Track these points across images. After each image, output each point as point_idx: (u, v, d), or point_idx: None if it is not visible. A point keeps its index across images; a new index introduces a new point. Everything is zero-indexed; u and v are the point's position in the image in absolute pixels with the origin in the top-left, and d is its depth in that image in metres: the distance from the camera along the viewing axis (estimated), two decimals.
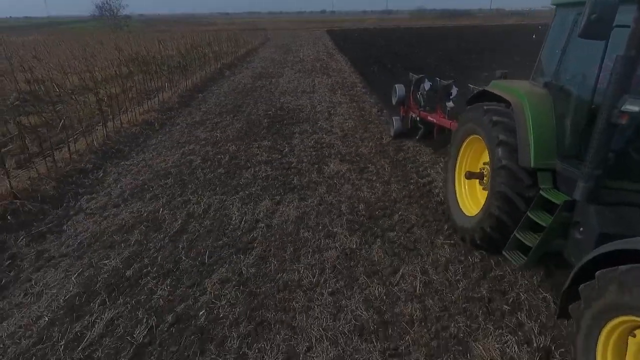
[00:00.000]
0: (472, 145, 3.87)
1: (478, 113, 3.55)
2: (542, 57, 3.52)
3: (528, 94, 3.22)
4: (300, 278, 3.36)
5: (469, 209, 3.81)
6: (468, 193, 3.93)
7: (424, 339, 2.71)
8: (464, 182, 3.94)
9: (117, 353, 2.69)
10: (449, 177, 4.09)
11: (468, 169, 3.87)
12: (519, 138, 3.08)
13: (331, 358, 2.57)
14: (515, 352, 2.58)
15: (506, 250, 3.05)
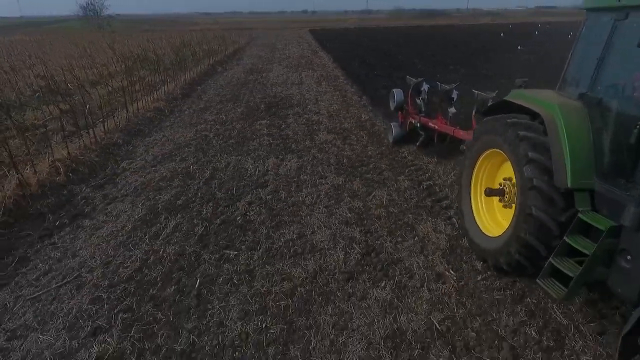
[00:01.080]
0: (490, 159, 3.57)
1: (500, 126, 3.25)
2: (571, 66, 3.27)
3: (561, 107, 2.94)
4: (304, 200, 4.81)
5: (489, 228, 3.52)
6: (486, 210, 3.63)
7: (387, 225, 4.19)
8: (482, 199, 3.64)
9: (186, 239, 4.07)
10: (464, 192, 3.77)
11: (485, 183, 3.62)
12: (553, 155, 2.82)
13: (327, 236, 4.02)
14: (442, 228, 4.09)
15: (541, 279, 2.77)
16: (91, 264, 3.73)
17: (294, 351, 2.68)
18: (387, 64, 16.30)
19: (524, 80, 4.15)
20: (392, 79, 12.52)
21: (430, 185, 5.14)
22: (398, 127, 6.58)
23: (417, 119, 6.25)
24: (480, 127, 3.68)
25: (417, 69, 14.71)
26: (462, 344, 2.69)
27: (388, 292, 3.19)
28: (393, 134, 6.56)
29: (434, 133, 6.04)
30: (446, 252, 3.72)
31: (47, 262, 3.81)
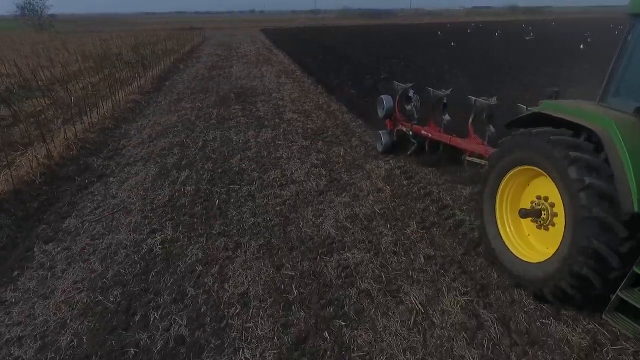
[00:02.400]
0: (519, 175, 3.26)
1: (541, 142, 2.92)
2: (616, 76, 3.06)
3: (617, 123, 2.69)
4: (281, 155, 6.38)
5: (523, 253, 3.21)
6: (515, 232, 3.32)
7: (344, 166, 5.86)
8: (508, 219, 3.35)
9: (198, 182, 5.49)
10: (487, 212, 3.45)
11: (511, 201, 3.34)
12: (615, 178, 2.59)
13: (302, 174, 5.62)
14: (382, 166, 5.83)
15: (609, 315, 2.57)
16: (131, 200, 5.07)
17: (291, 229, 4.25)
18: (337, 59, 18.13)
19: (554, 90, 3.79)
20: (342, 71, 14.35)
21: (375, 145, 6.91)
22: (387, 135, 6.18)
23: (408, 127, 5.91)
24: (510, 141, 3.24)
25: (363, 63, 16.66)
26: (392, 218, 4.40)
27: (347, 198, 4.86)
28: (382, 143, 6.16)
29: (425, 141, 5.79)
30: (384, 177, 5.45)
31: (94, 202, 5.09)
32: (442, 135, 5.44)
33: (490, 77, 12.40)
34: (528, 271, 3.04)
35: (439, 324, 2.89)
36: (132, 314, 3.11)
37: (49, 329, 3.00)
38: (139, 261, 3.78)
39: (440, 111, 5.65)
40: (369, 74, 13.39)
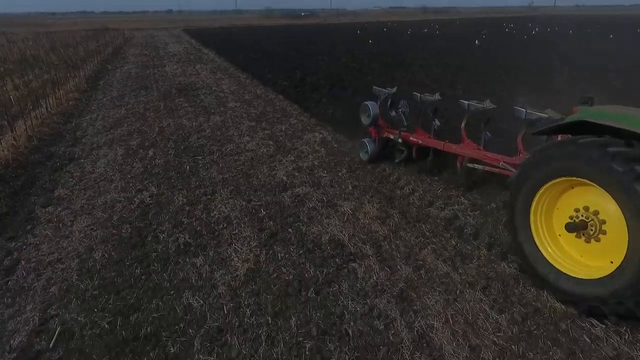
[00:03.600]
0: (556, 187, 3.09)
1: (594, 154, 2.72)
2: None
3: None
4: (232, 134, 7.57)
5: (568, 267, 3.05)
6: (553, 245, 3.18)
7: (287, 137, 7.23)
8: (544, 232, 3.21)
9: (165, 156, 6.50)
10: (521, 226, 3.27)
11: (545, 214, 3.21)
12: None
13: (254, 145, 6.89)
14: (317, 136, 7.30)
15: None
16: (109, 173, 5.97)
17: (252, 179, 5.53)
18: (267, 56, 19.38)
19: (589, 97, 3.62)
20: (273, 67, 15.66)
21: (313, 124, 8.36)
22: (373, 143, 5.86)
23: (396, 134, 5.65)
24: (548, 151, 3.07)
25: (292, 60, 18.12)
26: (327, 167, 5.87)
27: (292, 158, 6.26)
28: (369, 152, 5.83)
29: (412, 148, 5.62)
30: (320, 143, 6.93)
31: (74, 177, 5.90)
32: (434, 141, 5.24)
33: (401, 68, 14.56)
34: (586, 288, 2.84)
35: (362, 218, 4.41)
36: (144, 237, 4.20)
37: (80, 252, 3.99)
38: (136, 209, 4.83)
39: (430, 117, 5.43)
40: (298, 69, 14.88)
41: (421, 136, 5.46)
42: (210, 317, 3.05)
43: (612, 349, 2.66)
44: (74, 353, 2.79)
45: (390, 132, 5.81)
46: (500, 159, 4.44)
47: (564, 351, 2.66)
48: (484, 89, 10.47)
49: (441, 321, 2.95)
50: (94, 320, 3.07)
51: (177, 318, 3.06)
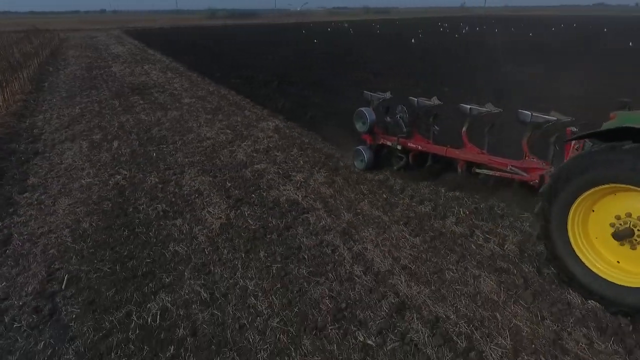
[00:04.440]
0: (598, 193, 3.00)
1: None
2: None
3: None
4: (192, 126, 8.21)
5: (618, 277, 2.97)
6: (593, 254, 3.11)
7: (242, 127, 8.01)
8: (583, 241, 3.14)
9: (131, 146, 7.04)
10: (558, 236, 3.18)
11: (581, 222, 3.12)
12: None
13: (213, 133, 7.60)
14: (270, 126, 8.16)
15: None
16: (79, 163, 6.43)
17: (215, 161, 6.27)
18: (214, 56, 19.83)
19: (626, 101, 3.60)
20: (222, 66, 16.23)
21: (265, 115, 9.17)
22: (369, 150, 5.66)
23: (394, 141, 5.47)
24: (588, 158, 2.98)
25: (240, 59, 18.74)
26: (281, 149, 6.75)
27: (249, 142, 7.07)
28: (365, 160, 5.62)
29: (409, 154, 5.46)
30: (273, 130, 7.79)
31: (43, 168, 6.30)
32: (436, 147, 5.14)
33: (345, 65, 15.74)
34: (632, 296, 2.84)
35: (312, 184, 5.35)
36: (125, 209, 4.84)
37: (69, 224, 4.56)
38: (112, 189, 5.42)
39: (430, 122, 5.34)
40: (247, 67, 15.58)
41: (421, 142, 5.31)
42: (195, 257, 3.84)
43: (489, 251, 3.80)
44: (84, 290, 3.46)
45: (388, 138, 5.58)
46: (507, 163, 4.39)
47: (457, 254, 3.76)
48: (417, 83, 11.86)
49: (373, 245, 3.95)
50: (96, 267, 3.74)
51: (166, 260, 3.81)
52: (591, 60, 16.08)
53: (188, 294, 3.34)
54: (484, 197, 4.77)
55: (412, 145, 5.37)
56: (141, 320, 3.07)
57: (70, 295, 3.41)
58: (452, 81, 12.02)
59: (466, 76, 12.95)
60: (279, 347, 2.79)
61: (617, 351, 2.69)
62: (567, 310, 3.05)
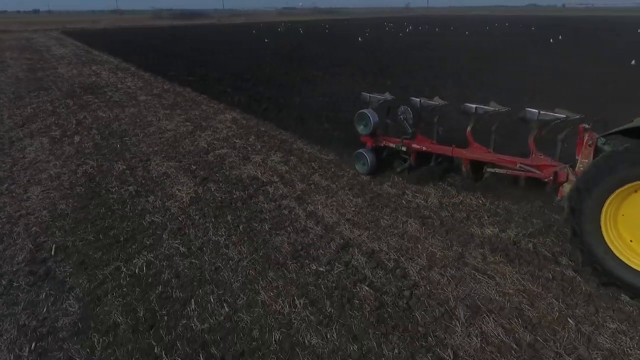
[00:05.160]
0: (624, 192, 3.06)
1: None
2: None
3: None
4: (152, 120, 8.60)
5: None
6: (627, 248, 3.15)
7: (202, 119, 8.53)
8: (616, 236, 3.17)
9: (93, 140, 7.36)
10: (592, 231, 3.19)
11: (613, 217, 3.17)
12: None
13: (174, 126, 8.06)
14: (229, 116, 8.74)
15: None
16: (43, 156, 6.68)
17: (179, 149, 6.79)
18: (165, 56, 19.85)
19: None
20: (174, 65, 16.41)
21: (222, 108, 9.70)
22: (371, 153, 5.50)
23: (397, 143, 5.38)
24: (619, 156, 3.02)
25: (192, 58, 18.93)
26: (239, 137, 7.38)
27: (210, 133, 7.62)
28: (369, 163, 5.43)
29: (410, 155, 5.39)
30: (231, 121, 8.38)
31: (7, 163, 6.49)
32: (441, 147, 5.10)
33: (295, 63, 16.49)
34: None
35: (269, 163, 6.06)
36: (98, 192, 5.29)
37: (46, 206, 4.95)
38: (82, 177, 5.81)
39: (434, 122, 5.34)
40: (199, 66, 15.91)
41: (425, 142, 5.25)
42: (170, 224, 4.43)
43: (415, 205, 4.72)
44: (73, 254, 3.95)
45: (392, 140, 5.47)
46: (516, 161, 4.46)
47: (390, 208, 4.64)
48: (364, 79, 12.85)
49: (323, 206, 4.74)
50: (81, 237, 4.23)
51: (145, 228, 4.37)
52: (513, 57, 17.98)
53: (168, 250, 3.94)
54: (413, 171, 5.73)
55: (417, 146, 5.25)
56: (130, 271, 3.64)
57: (60, 259, 3.89)
58: (395, 76, 13.15)
59: (407, 71, 14.16)
60: (249, 279, 3.49)
61: (503, 261, 3.66)
62: (470, 239, 4.01)
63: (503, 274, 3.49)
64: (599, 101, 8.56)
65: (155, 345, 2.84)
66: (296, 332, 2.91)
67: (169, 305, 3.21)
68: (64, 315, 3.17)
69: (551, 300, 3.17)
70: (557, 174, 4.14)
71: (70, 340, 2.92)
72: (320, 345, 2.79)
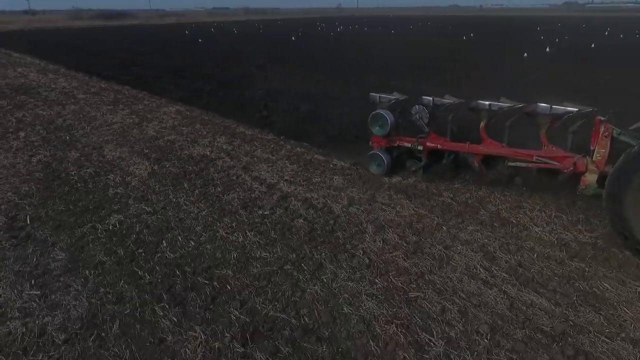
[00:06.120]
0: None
1: None
2: None
3: None
4: (96, 115, 8.96)
5: None
6: None
7: (147, 112, 9.07)
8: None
9: (39, 135, 7.65)
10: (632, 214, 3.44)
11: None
12: None
13: (120, 119, 8.54)
14: (173, 110, 9.35)
15: None
16: None
17: (129, 137, 7.35)
18: (94, 56, 19.47)
19: None
20: (108, 65, 16.33)
21: (165, 103, 10.22)
22: (387, 154, 5.55)
23: (413, 142, 5.40)
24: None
25: (124, 59, 18.81)
26: (185, 125, 8.08)
27: (156, 123, 8.23)
28: (385, 165, 5.47)
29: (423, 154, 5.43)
30: (175, 113, 9.00)
31: None
32: (457, 144, 5.19)
33: (231, 61, 17.17)
34: None
35: (216, 144, 6.88)
36: (58, 175, 5.78)
37: (9, 189, 5.38)
38: (37, 164, 6.23)
39: (448, 121, 5.32)
40: (135, 66, 16.02)
41: (439, 140, 5.28)
42: (133, 193, 5.14)
43: (340, 167, 5.85)
44: (48, 221, 4.55)
45: (407, 140, 5.50)
46: (533, 154, 4.65)
47: (320, 170, 5.74)
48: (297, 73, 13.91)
49: (265, 172, 5.71)
50: (52, 209, 4.81)
51: (110, 198, 5.04)
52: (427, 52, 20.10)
53: (135, 211, 4.69)
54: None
55: (431, 145, 5.30)
56: (105, 228, 4.36)
57: (37, 226, 4.48)
58: (326, 71, 14.39)
59: (338, 66, 15.48)
60: (208, 223, 4.38)
61: (403, 197, 4.87)
62: (381, 185, 5.21)
63: (402, 205, 4.71)
64: (489, 85, 10.38)
65: (137, 270, 3.65)
66: (249, 251, 3.87)
67: (144, 246, 4.01)
68: (54, 261, 3.84)
69: (433, 217, 4.43)
70: (576, 165, 4.35)
71: (64, 275, 3.62)
72: (268, 257, 3.78)
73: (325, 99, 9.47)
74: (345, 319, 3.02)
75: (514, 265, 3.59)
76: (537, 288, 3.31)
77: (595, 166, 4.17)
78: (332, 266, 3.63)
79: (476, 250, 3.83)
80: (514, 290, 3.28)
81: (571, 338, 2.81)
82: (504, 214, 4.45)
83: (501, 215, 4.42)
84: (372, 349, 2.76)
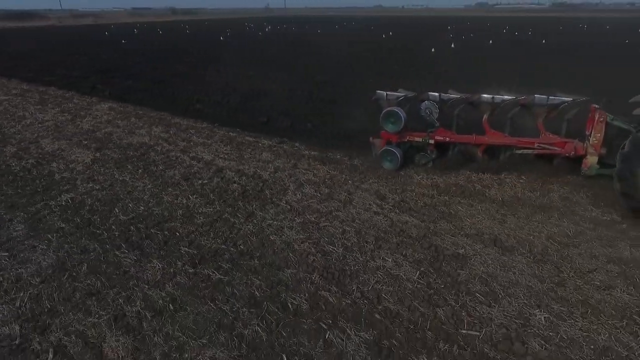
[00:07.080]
0: None
1: None
2: None
3: None
4: (24, 114, 9.00)
5: None
6: None
7: (79, 110, 9.30)
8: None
9: None
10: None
11: None
12: None
13: (51, 117, 8.72)
14: (108, 107, 9.66)
15: None
16: None
17: (65, 131, 7.67)
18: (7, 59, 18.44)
19: None
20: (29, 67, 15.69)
21: (96, 100, 10.41)
22: (399, 149, 5.69)
23: (424, 137, 5.65)
24: None
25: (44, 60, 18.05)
26: (122, 119, 8.53)
27: (90, 119, 8.56)
28: (398, 159, 5.64)
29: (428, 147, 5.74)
30: (109, 109, 9.34)
31: None
32: (464, 136, 5.49)
33: (164, 60, 17.30)
34: None
35: (154, 134, 7.49)
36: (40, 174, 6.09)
37: None
38: None
39: (455, 115, 5.59)
40: (57, 67, 15.61)
41: (447, 134, 5.57)
42: (80, 176, 5.67)
43: (267, 145, 6.81)
44: (0, 203, 4.97)
45: (418, 135, 5.71)
46: (534, 142, 5.07)
47: (251, 148, 6.64)
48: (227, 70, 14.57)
49: (202, 153, 6.49)
50: (2, 193, 5.21)
51: (57, 182, 5.53)
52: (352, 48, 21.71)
53: (85, 189, 5.27)
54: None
55: (440, 138, 5.58)
56: (57, 204, 4.91)
57: None
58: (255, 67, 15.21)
59: (267, 63, 16.36)
60: (154, 193, 5.11)
61: (320, 164, 5.95)
62: (302, 157, 6.26)
63: (318, 169, 5.80)
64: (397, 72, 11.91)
65: (95, 230, 4.32)
66: (192, 209, 4.70)
67: (98, 213, 4.66)
68: (15, 231, 4.37)
69: (342, 176, 5.57)
70: (576, 148, 4.79)
71: (28, 240, 4.19)
72: (209, 212, 4.64)
73: (255, 93, 10.33)
74: (271, 244, 4.00)
75: (398, 201, 4.82)
76: (412, 213, 4.55)
77: (593, 149, 4.59)
78: (262, 213, 4.59)
79: (372, 194, 5.02)
80: (395, 215, 4.49)
81: (428, 238, 4.05)
82: (397, 171, 5.72)
83: (394, 171, 5.68)
84: (291, 258, 3.77)
